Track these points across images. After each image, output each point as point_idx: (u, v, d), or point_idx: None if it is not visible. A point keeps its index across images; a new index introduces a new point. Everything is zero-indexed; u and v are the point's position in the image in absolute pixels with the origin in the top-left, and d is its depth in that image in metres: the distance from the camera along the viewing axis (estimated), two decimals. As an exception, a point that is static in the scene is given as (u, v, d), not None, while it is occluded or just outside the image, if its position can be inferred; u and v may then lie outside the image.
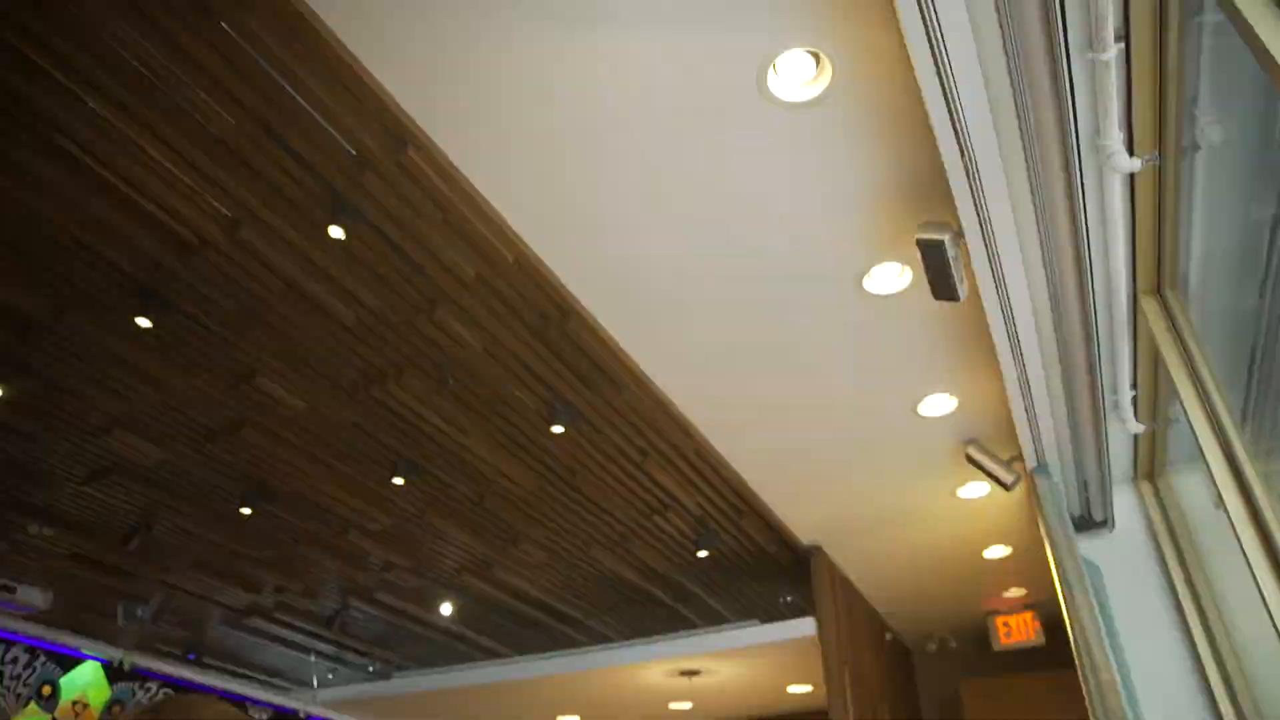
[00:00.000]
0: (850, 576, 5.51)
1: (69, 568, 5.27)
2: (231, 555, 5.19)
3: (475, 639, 6.49)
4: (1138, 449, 3.88)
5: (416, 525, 4.91)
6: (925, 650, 6.66)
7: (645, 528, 4.95)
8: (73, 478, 4.36)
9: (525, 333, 3.42)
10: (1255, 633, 3.45)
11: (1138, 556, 3.98)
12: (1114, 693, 3.15)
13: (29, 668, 5.71)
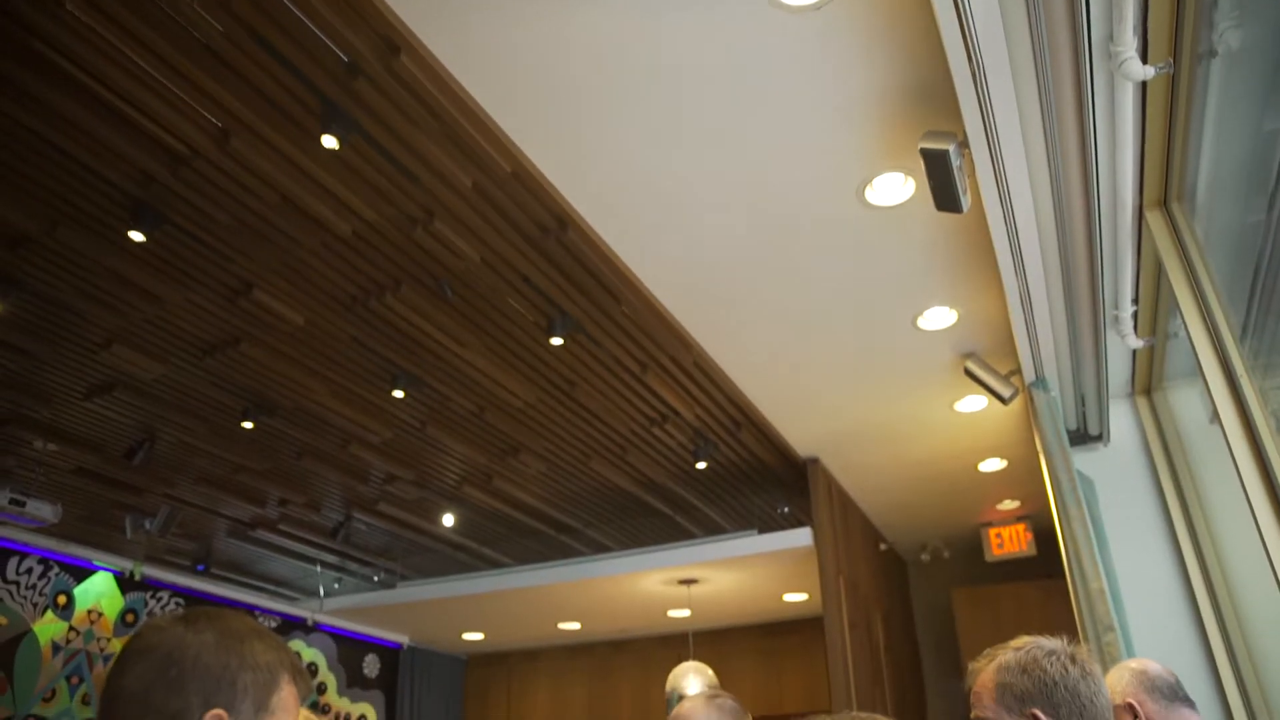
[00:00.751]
0: (847, 488, 5.59)
1: (76, 482, 5.33)
2: (235, 469, 5.25)
3: (477, 549, 6.62)
4: (1135, 364, 3.89)
5: (417, 438, 4.95)
6: (919, 560, 6.81)
7: (644, 439, 5.00)
8: (74, 393, 4.37)
9: (523, 244, 3.38)
10: (1242, 546, 3.51)
11: (1131, 470, 4.03)
12: (1102, 601, 3.23)
13: (43, 578, 5.85)
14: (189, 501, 5.66)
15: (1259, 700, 3.39)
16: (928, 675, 6.94)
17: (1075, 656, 1.62)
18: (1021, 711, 1.59)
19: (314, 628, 7.45)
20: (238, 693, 1.01)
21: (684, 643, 7.47)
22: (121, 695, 0.97)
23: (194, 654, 1.00)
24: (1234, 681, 3.46)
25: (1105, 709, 1.59)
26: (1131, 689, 2.30)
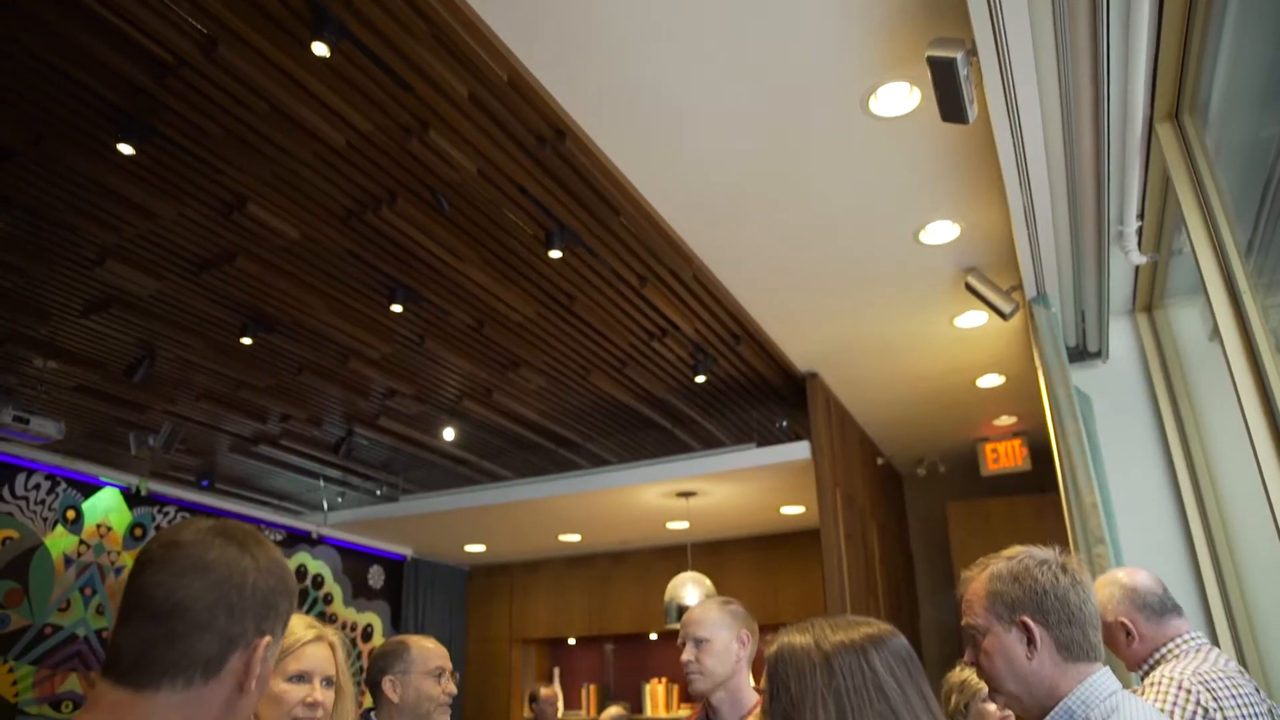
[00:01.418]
0: (845, 402, 5.62)
1: (78, 400, 5.36)
2: (235, 385, 5.26)
3: (478, 463, 6.69)
4: (1138, 281, 3.86)
5: (416, 352, 4.95)
6: (915, 474, 6.90)
7: (643, 353, 5.00)
8: (71, 311, 4.36)
9: (520, 155, 3.32)
10: (1234, 463, 3.55)
11: (1128, 387, 4.05)
12: (1095, 514, 3.27)
13: (51, 494, 5.94)
14: (191, 418, 5.70)
15: (1240, 610, 3.47)
16: (921, 587, 7.10)
17: (1066, 566, 1.64)
18: (1011, 619, 1.62)
19: (319, 541, 7.59)
20: (279, 616, 1.05)
21: (683, 554, 7.63)
22: (180, 611, 0.97)
23: (252, 580, 1.02)
24: (1218, 593, 3.53)
25: (1093, 615, 1.63)
26: (1124, 608, 2.35)
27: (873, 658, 1.11)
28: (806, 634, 1.15)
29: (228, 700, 1.00)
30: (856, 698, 1.06)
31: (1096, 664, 1.61)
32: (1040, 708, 1.60)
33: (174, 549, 1.00)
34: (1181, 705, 2.06)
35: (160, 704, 0.95)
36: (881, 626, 1.18)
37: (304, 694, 1.78)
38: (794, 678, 1.11)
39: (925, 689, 1.14)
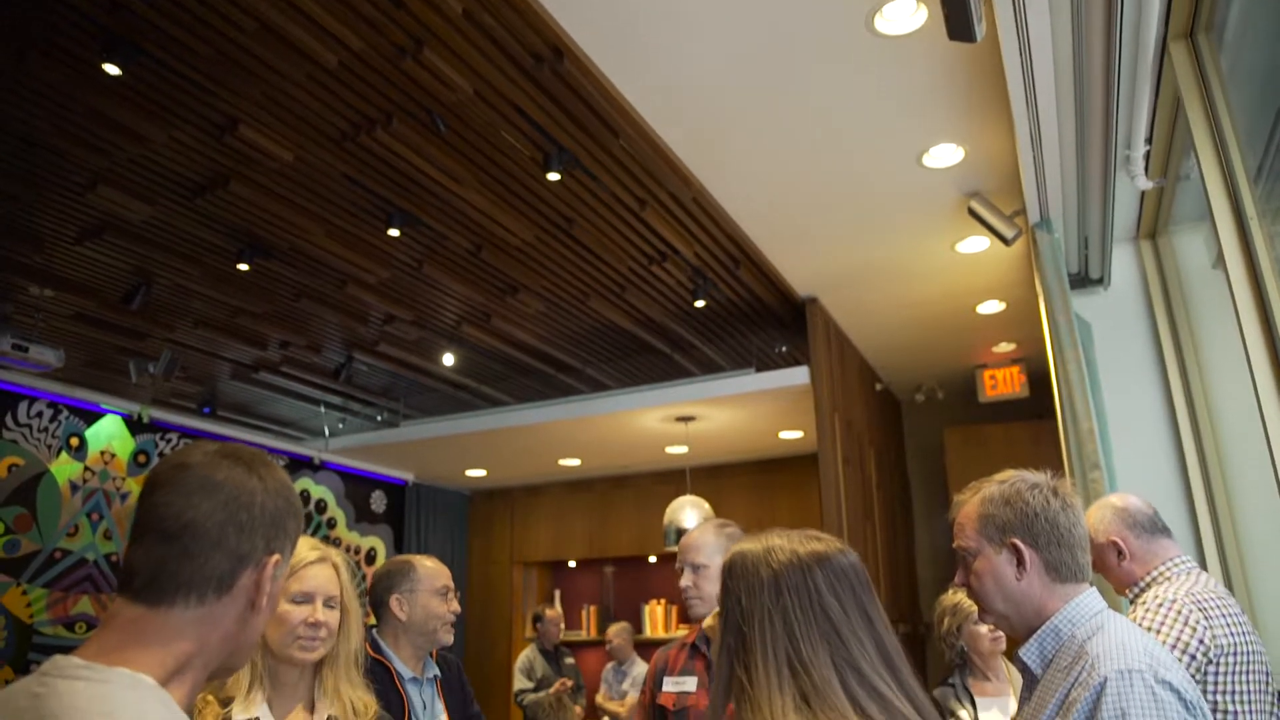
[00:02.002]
0: (844, 328, 5.62)
1: (76, 328, 5.34)
2: (233, 312, 5.24)
3: (477, 388, 6.71)
4: (1142, 207, 3.82)
5: (414, 277, 4.92)
6: (913, 400, 6.93)
7: (643, 277, 4.97)
8: (64, 237, 4.31)
9: (517, 75, 3.24)
10: (1231, 391, 3.56)
11: (1129, 315, 4.03)
12: (1091, 440, 3.30)
13: (54, 421, 5.97)
14: (190, 345, 5.70)
15: (1230, 538, 3.52)
16: (917, 511, 7.20)
17: (1057, 489, 1.66)
18: (1002, 541, 1.65)
19: (320, 466, 7.66)
20: (287, 536, 1.08)
21: (682, 478, 7.71)
22: (191, 529, 0.99)
23: (260, 500, 1.04)
24: (1209, 521, 3.58)
25: (1083, 538, 1.65)
26: (1115, 527, 2.37)
27: (817, 576, 1.14)
28: (758, 550, 1.19)
29: (240, 617, 1.03)
30: (802, 615, 1.10)
31: (1084, 585, 1.64)
32: (1028, 627, 1.63)
33: (183, 470, 1.02)
34: (1170, 624, 2.10)
35: (174, 619, 0.98)
36: (830, 544, 1.21)
37: (306, 614, 1.81)
38: (745, 592, 1.15)
39: (869, 606, 1.17)
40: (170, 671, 0.97)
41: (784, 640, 1.10)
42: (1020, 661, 1.65)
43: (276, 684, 1.82)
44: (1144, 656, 1.46)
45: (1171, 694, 1.42)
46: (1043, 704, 1.55)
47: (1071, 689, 1.49)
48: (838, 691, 1.06)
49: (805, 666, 1.07)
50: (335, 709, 1.84)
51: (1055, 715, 1.50)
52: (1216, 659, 2.06)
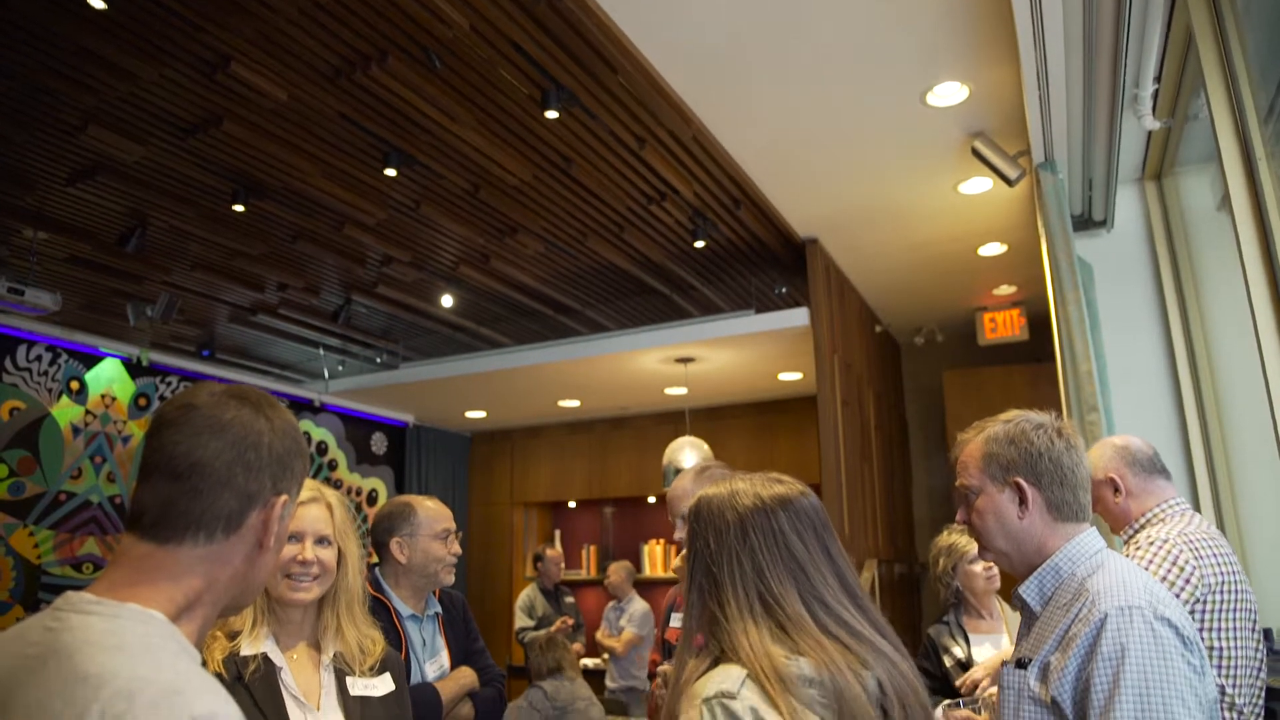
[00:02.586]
0: (844, 269, 5.59)
1: (72, 271, 5.31)
2: (230, 254, 5.21)
3: (476, 330, 6.70)
4: (1148, 147, 3.77)
5: (412, 218, 4.88)
6: (912, 343, 6.93)
7: (642, 217, 4.93)
8: (56, 179, 4.26)
9: (514, 9, 3.17)
10: (1231, 335, 3.55)
11: (1131, 257, 4.01)
12: (1089, 383, 3.30)
13: (54, 365, 5.97)
14: (187, 288, 5.67)
15: (1225, 482, 3.54)
16: (914, 453, 7.25)
17: (1061, 430, 1.67)
18: (1005, 480, 1.65)
19: (321, 408, 7.68)
20: (294, 476, 1.09)
21: (681, 420, 7.75)
22: (200, 469, 1.00)
23: (268, 440, 1.05)
24: (1205, 465, 3.60)
25: (1085, 479, 1.66)
26: (1113, 464, 2.39)
27: (780, 518, 1.19)
28: (723, 494, 1.24)
29: (249, 555, 1.05)
30: (769, 554, 1.16)
31: (1084, 525, 1.65)
32: (1028, 565, 1.65)
33: (190, 410, 1.03)
34: (1159, 563, 2.12)
35: (184, 556, 0.99)
36: (792, 487, 1.26)
37: (295, 552, 1.82)
38: (713, 535, 1.20)
39: (830, 544, 1.22)
40: (180, 608, 0.98)
41: (753, 579, 1.15)
42: (1019, 599, 1.67)
43: (282, 622, 1.83)
44: (1144, 594, 1.48)
45: (1170, 630, 1.45)
46: (1041, 640, 1.58)
47: (1072, 625, 1.51)
48: (808, 621, 1.12)
49: (777, 601, 1.13)
50: (341, 647, 1.86)
51: (1054, 650, 1.53)
52: (1204, 597, 2.09)
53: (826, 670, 1.07)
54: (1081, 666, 1.46)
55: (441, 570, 2.67)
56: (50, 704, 0.84)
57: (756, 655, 1.09)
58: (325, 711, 1.77)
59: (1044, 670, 1.53)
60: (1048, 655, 1.54)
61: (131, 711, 0.82)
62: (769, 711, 1.05)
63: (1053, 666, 1.51)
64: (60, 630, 0.91)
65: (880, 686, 1.09)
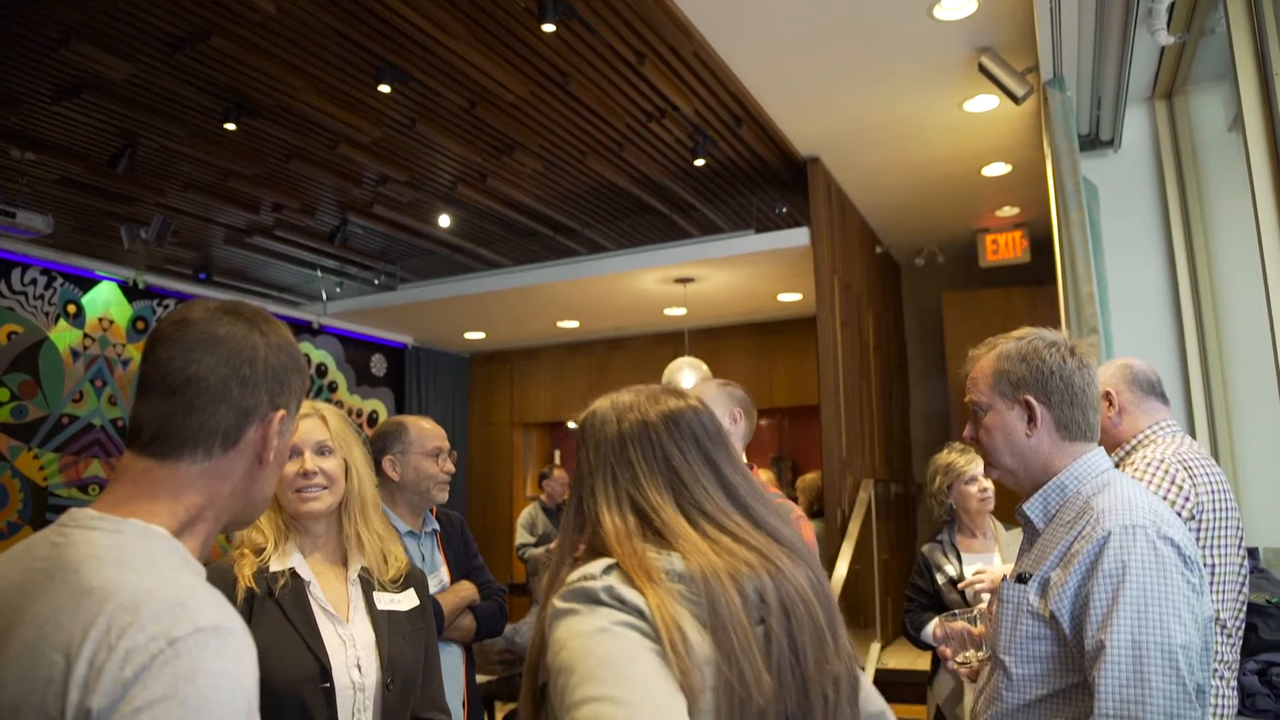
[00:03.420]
0: (846, 189, 5.52)
1: (63, 193, 5.23)
2: (223, 174, 5.13)
3: (474, 250, 6.65)
4: (1160, 64, 3.67)
5: (407, 136, 4.79)
6: (913, 264, 6.89)
7: (641, 135, 4.84)
8: (41, 97, 4.16)
9: (507, -77, 3.06)
10: (1235, 258, 3.52)
11: (1137, 178, 3.94)
12: (1090, 305, 3.29)
13: (49, 288, 5.94)
14: (181, 210, 5.60)
15: (1221, 409, 3.55)
16: (913, 374, 7.27)
17: (1074, 349, 1.66)
18: (1015, 397, 1.65)
19: (319, 330, 7.67)
20: (292, 391, 1.08)
21: (680, 340, 7.76)
22: (195, 384, 1.00)
23: (263, 355, 1.04)
24: (1202, 391, 3.60)
25: (1095, 399, 1.66)
26: (1112, 381, 2.40)
27: (660, 431, 1.19)
28: (607, 407, 1.24)
29: (248, 471, 1.05)
30: (646, 466, 1.15)
31: (1092, 444, 1.66)
32: (1034, 482, 1.66)
33: (184, 326, 1.02)
34: (1158, 483, 2.14)
35: (183, 472, 1.00)
36: (679, 401, 1.24)
37: (295, 467, 1.83)
38: (592, 447, 1.20)
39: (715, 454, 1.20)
40: (181, 523, 0.99)
41: (628, 488, 1.15)
42: (1023, 515, 1.68)
43: (307, 535, 1.86)
44: (1148, 513, 1.50)
45: (1172, 550, 1.46)
46: (1043, 556, 1.59)
47: (1074, 542, 1.53)
48: (685, 527, 1.11)
49: (653, 509, 1.13)
50: (365, 560, 1.88)
51: (1055, 567, 1.55)
52: (1198, 516, 2.12)
53: (700, 572, 1.05)
54: (1082, 583, 1.48)
55: (434, 488, 2.71)
56: (58, 616, 0.86)
57: (625, 552, 1.08)
58: (354, 623, 1.80)
59: (1044, 586, 1.55)
60: (1048, 571, 1.56)
61: (137, 623, 0.83)
62: (628, 591, 1.03)
63: (1053, 582, 1.53)
64: (65, 545, 0.92)
65: (761, 595, 1.06)
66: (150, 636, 0.83)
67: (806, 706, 1.05)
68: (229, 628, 0.88)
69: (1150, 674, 1.38)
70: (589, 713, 0.93)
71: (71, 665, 0.82)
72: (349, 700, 1.71)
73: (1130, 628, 1.41)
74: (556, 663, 1.01)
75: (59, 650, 0.83)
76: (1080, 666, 1.49)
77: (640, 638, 1.01)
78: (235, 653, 0.87)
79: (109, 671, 0.81)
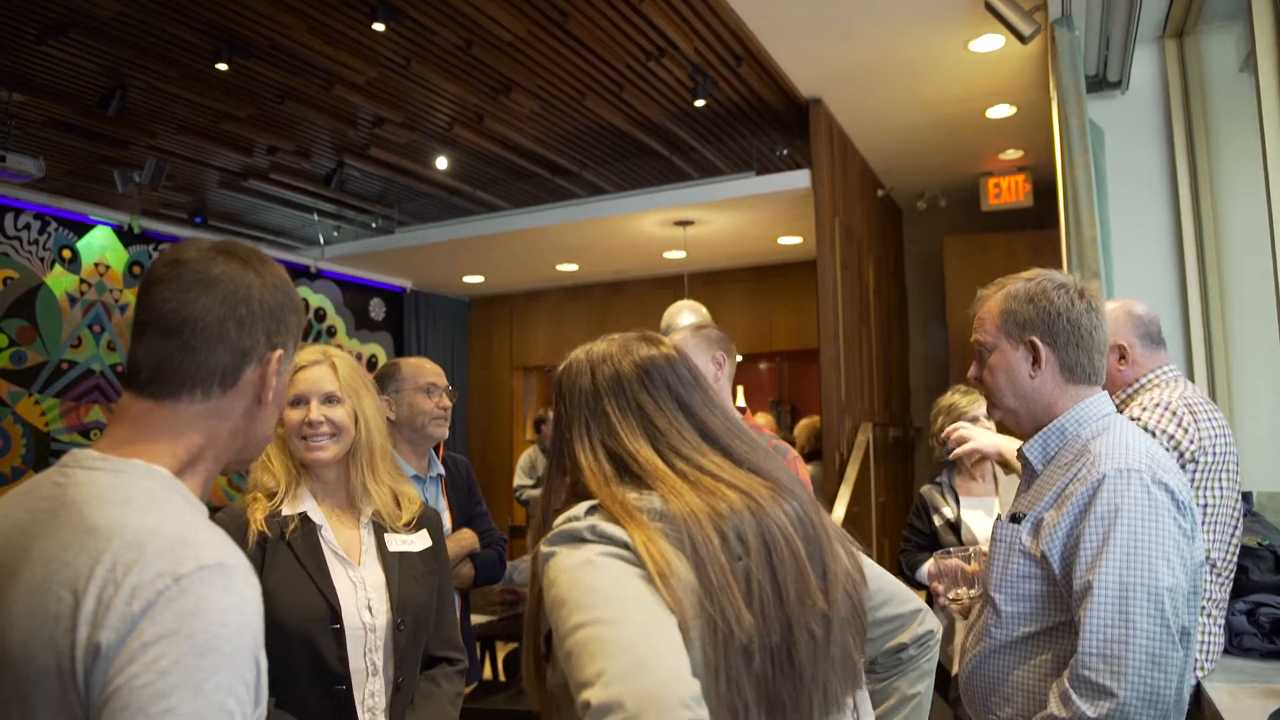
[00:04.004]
0: (848, 131, 5.45)
1: (54, 135, 5.15)
2: (217, 116, 5.05)
3: (472, 193, 6.59)
4: (1172, 2, 3.60)
5: (403, 76, 4.71)
6: (914, 208, 6.82)
7: (641, 75, 4.76)
8: (26, 35, 4.07)
9: None
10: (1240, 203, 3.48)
11: (1144, 120, 3.88)
12: (1093, 249, 3.27)
13: (43, 233, 5.89)
14: (175, 153, 5.53)
15: (1220, 355, 3.55)
16: (912, 319, 7.26)
17: (1084, 291, 1.65)
18: (1021, 338, 1.65)
19: (317, 275, 7.64)
20: (289, 331, 1.08)
21: (679, 284, 7.73)
22: (191, 324, 0.99)
23: (259, 294, 1.03)
24: (1202, 336, 3.59)
25: (1102, 343, 1.66)
26: (1125, 332, 2.40)
27: (632, 378, 1.20)
28: (581, 356, 1.26)
29: (247, 411, 1.05)
30: (620, 414, 1.17)
31: (1095, 387, 1.66)
32: (1035, 424, 1.67)
33: (178, 266, 1.02)
34: (1166, 423, 2.16)
35: (181, 412, 1.00)
36: (653, 348, 1.25)
37: (301, 415, 1.85)
38: (568, 397, 1.22)
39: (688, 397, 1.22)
40: (182, 463, 1.00)
41: (603, 438, 1.17)
42: (1022, 456, 1.69)
43: (318, 481, 1.89)
44: (1144, 458, 1.51)
45: (1165, 494, 1.48)
46: (1039, 496, 1.61)
47: (1070, 483, 1.54)
48: (662, 467, 1.13)
49: (630, 456, 1.14)
50: (375, 505, 1.91)
51: (1049, 507, 1.56)
52: (1199, 458, 2.14)
53: (678, 514, 1.06)
54: (1074, 524, 1.50)
55: (430, 424, 2.73)
56: (64, 554, 0.87)
57: (606, 495, 1.11)
58: (365, 566, 1.84)
59: (1036, 526, 1.57)
60: (1042, 512, 1.57)
61: (142, 560, 0.85)
62: (611, 528, 1.05)
63: (1046, 523, 1.55)
64: (68, 485, 0.94)
65: (740, 534, 1.07)
66: (156, 573, 0.84)
67: (791, 641, 1.06)
68: (233, 564, 0.89)
69: (1135, 615, 1.40)
70: (580, 638, 0.95)
71: (79, 602, 0.84)
72: (360, 641, 1.75)
73: (1119, 569, 1.43)
74: (550, 602, 1.03)
75: (66, 587, 0.85)
76: (1067, 606, 1.52)
77: (627, 565, 1.02)
78: (239, 589, 0.88)
79: (116, 607, 0.82)
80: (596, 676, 0.90)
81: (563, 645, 0.97)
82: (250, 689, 0.85)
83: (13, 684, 0.85)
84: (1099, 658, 1.40)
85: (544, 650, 1.13)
